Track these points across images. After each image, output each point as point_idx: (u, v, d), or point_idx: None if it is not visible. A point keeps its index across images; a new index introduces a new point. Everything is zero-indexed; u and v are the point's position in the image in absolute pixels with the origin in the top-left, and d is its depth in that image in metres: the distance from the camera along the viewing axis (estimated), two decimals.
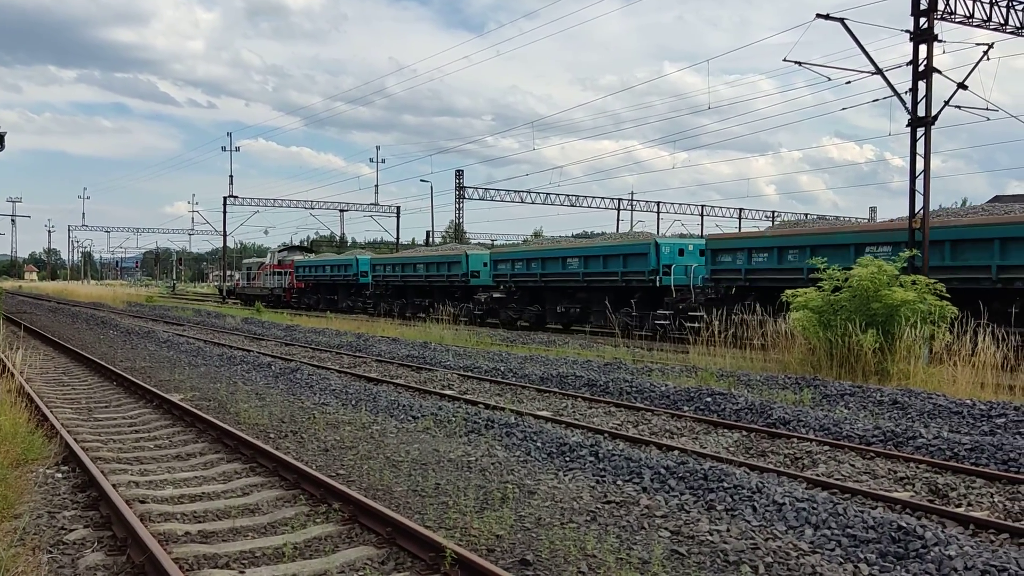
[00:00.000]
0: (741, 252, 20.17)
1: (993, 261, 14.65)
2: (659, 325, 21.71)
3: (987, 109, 16.76)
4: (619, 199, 61.01)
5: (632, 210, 61.60)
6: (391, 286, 36.84)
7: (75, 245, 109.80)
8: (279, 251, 53.83)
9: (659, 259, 22.44)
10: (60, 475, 6.85)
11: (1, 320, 16.47)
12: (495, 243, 67.18)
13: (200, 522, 5.70)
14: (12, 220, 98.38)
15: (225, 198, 58.41)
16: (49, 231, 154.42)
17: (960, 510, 6.06)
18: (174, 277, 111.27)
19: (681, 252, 22.76)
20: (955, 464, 7.33)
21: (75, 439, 7.94)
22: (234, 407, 10.26)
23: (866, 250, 16.50)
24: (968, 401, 9.95)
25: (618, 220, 61.39)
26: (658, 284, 22.32)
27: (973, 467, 7.25)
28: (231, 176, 60.81)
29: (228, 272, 63.64)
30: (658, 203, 61.33)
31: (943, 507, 6.09)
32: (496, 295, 29.14)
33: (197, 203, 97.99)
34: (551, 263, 26.50)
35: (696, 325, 18.82)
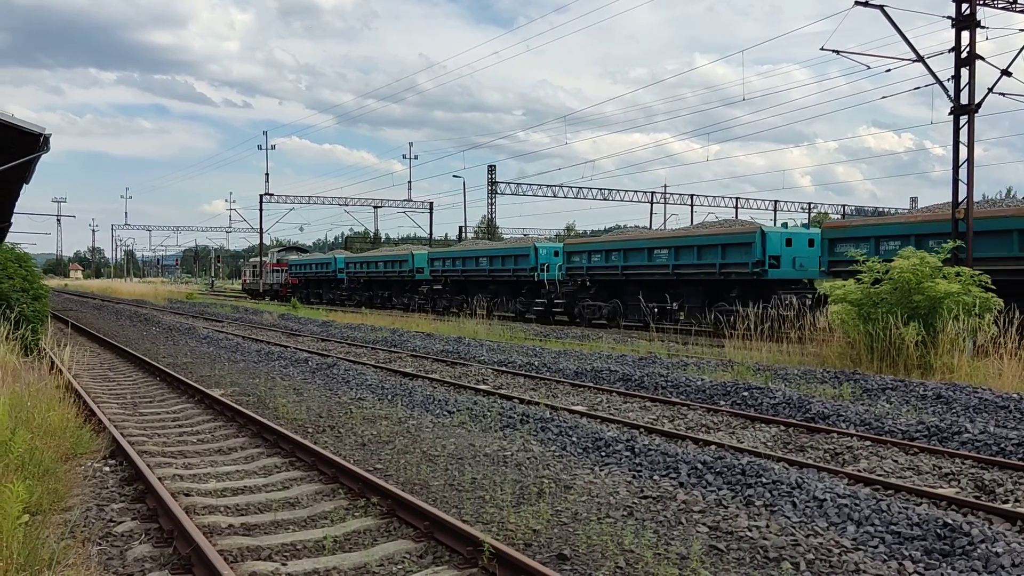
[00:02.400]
0: (584, 254, 26.26)
1: (717, 260, 21.29)
2: (536, 311, 28.06)
3: None
4: (652, 192, 60.60)
5: (665, 203, 61.12)
6: (360, 280, 43.26)
7: (118, 244, 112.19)
8: (278, 251, 59.37)
9: (538, 259, 28.38)
10: (108, 469, 7.03)
11: (49, 318, 16.91)
12: (526, 236, 66.98)
13: (243, 515, 5.81)
14: (57, 220, 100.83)
15: (261, 196, 59.15)
16: (93, 230, 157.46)
17: (1007, 506, 5.92)
18: (212, 274, 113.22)
19: (556, 253, 28.30)
20: (1002, 460, 7.16)
21: (122, 433, 8.14)
22: (273, 402, 10.42)
23: (654, 252, 23.26)
24: (1015, 395, 9.70)
25: (651, 213, 60.98)
26: (536, 279, 28.40)
27: (1021, 462, 7.07)
28: (267, 174, 61.78)
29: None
30: (691, 196, 60.72)
31: (990, 503, 5.96)
32: (435, 287, 35.39)
33: (234, 201, 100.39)
34: (469, 261, 32.70)
35: (559, 310, 27.19)
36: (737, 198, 61.73)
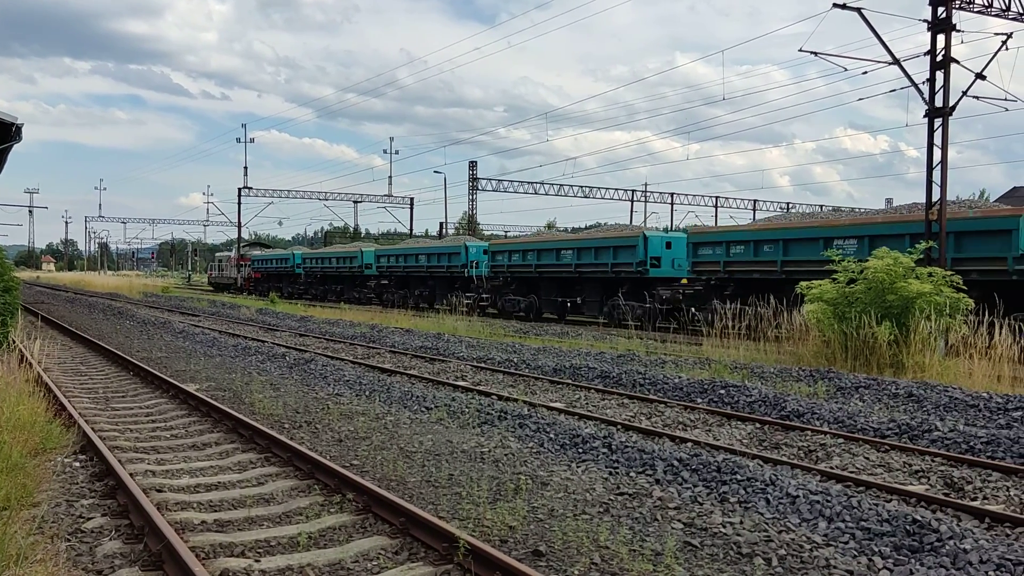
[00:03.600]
0: (506, 254, 29.62)
1: (610, 260, 24.33)
2: (467, 304, 30.38)
3: (1005, 99, 16.57)
4: (632, 190, 60.78)
5: (646, 201, 61.35)
6: (316, 276, 46.62)
7: (92, 236, 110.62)
8: (241, 247, 61.15)
9: (468, 257, 31.54)
10: (78, 464, 6.93)
11: (20, 310, 16.63)
12: (507, 235, 67.10)
13: (216, 511, 5.75)
14: (29, 211, 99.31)
15: (240, 189, 58.72)
16: (66, 222, 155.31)
17: (976, 503, 6.02)
18: (189, 268, 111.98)
19: (485, 252, 31.10)
20: (971, 457, 7.28)
21: (92, 428, 8.03)
22: (249, 397, 10.33)
23: (561, 253, 26.33)
24: (984, 394, 9.86)
25: (631, 211, 61.17)
26: (467, 275, 31.51)
27: (989, 460, 7.20)
28: (245, 167, 61.09)
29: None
30: (672, 194, 60.99)
31: (959, 500, 6.06)
32: (382, 282, 39.21)
33: (212, 194, 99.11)
34: (410, 259, 36.09)
35: (486, 303, 30.33)
36: (717, 197, 62.15)
